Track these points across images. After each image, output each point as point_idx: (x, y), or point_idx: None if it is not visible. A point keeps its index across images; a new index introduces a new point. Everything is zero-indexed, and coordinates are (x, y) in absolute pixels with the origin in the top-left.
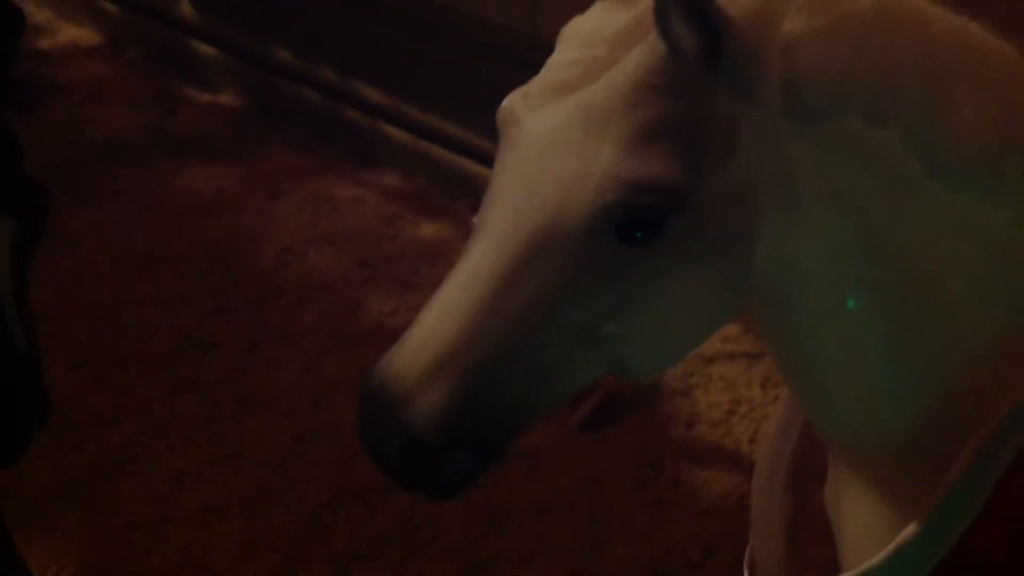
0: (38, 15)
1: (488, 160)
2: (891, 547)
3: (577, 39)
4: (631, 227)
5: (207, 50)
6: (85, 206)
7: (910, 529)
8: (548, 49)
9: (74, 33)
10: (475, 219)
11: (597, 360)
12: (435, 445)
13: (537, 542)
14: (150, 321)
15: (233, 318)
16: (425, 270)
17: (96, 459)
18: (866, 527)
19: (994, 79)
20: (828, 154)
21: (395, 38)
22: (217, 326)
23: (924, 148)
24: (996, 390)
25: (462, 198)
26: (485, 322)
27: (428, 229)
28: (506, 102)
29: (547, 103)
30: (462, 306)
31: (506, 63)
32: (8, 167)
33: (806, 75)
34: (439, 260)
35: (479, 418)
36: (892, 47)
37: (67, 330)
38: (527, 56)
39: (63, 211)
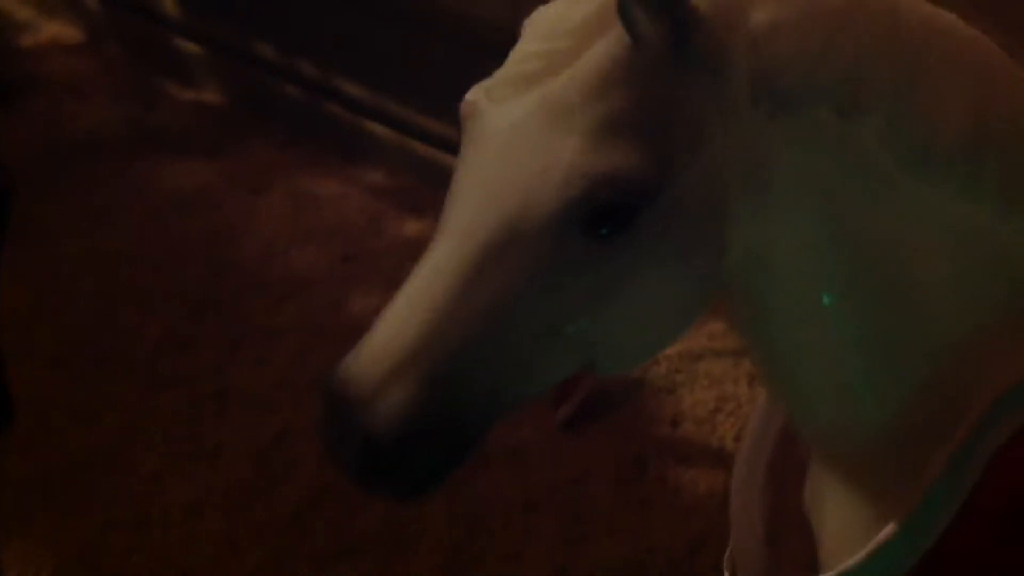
0: (20, 12)
1: None
2: (870, 547)
3: (541, 30)
4: (597, 223)
5: (189, 46)
6: (65, 202)
7: (889, 528)
8: None
9: (56, 30)
10: None
11: (565, 359)
12: (396, 449)
13: (521, 540)
14: (129, 318)
15: (214, 315)
16: (409, 267)
17: (74, 458)
18: (845, 526)
19: (967, 69)
20: (798, 148)
21: (378, 33)
22: (197, 323)
23: (898, 140)
24: (974, 386)
25: (446, 195)
26: (447, 323)
27: (413, 226)
28: (469, 95)
29: (510, 97)
30: (423, 307)
31: (490, 57)
32: None
33: (775, 66)
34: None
35: (442, 420)
36: (862, 37)
37: (45, 327)
38: (510, 50)
39: (42, 207)
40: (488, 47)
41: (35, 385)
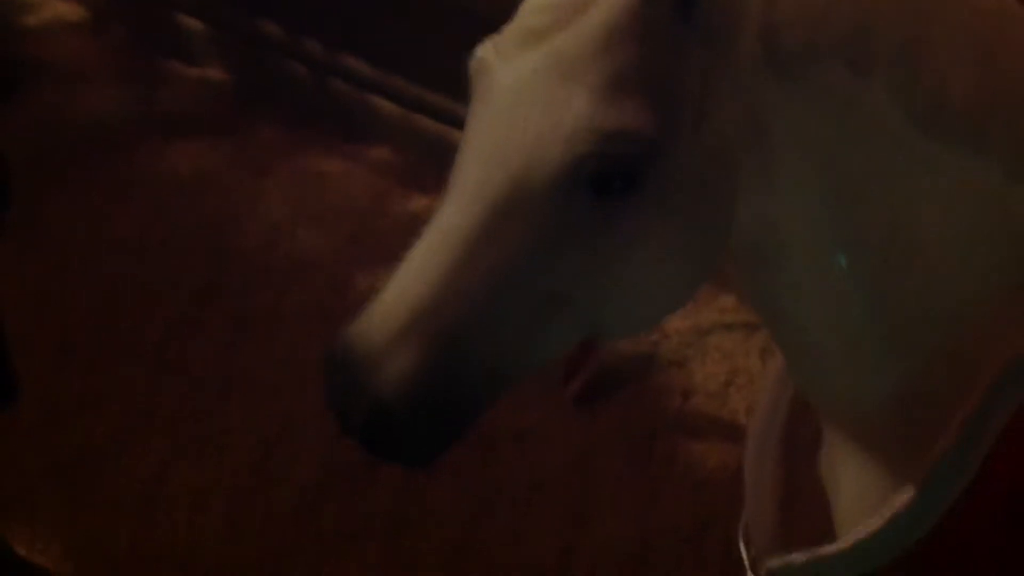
0: None
1: None
2: (884, 514)
3: None
4: (605, 181)
5: (193, 24)
6: (69, 186)
7: (904, 497)
8: None
9: (59, 9)
10: None
11: (572, 324)
12: (404, 413)
13: (529, 519)
14: (135, 303)
15: (220, 298)
16: None
17: (81, 442)
18: (859, 495)
19: (980, 23)
20: (807, 107)
21: (384, 10)
22: (203, 307)
23: (907, 96)
24: (985, 353)
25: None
26: (455, 285)
27: (419, 203)
28: (478, 51)
29: (518, 52)
30: (431, 269)
31: (494, 33)
32: None
33: (785, 20)
34: None
35: (449, 385)
36: None
37: (51, 314)
38: None
39: (47, 192)
40: (494, 22)
41: (41, 372)
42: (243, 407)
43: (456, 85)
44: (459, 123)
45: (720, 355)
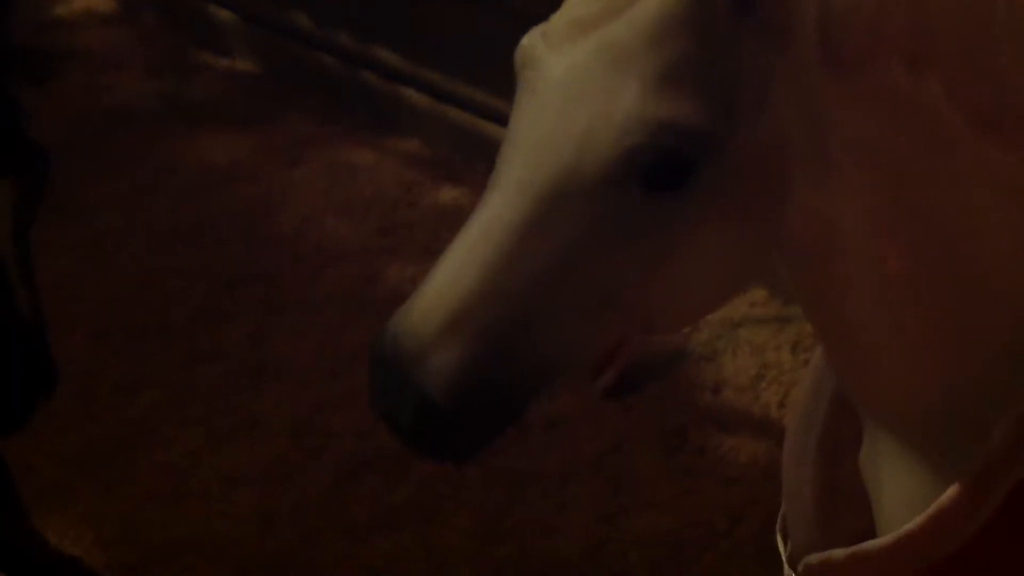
0: None
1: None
2: (931, 511)
3: None
4: (656, 174)
5: (224, 15)
6: (102, 175)
7: (951, 493)
8: None
9: (90, 0)
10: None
11: (618, 317)
12: (449, 408)
13: (560, 511)
14: (168, 291)
15: (251, 287)
16: (445, 237)
17: (114, 430)
18: (904, 493)
19: None
20: (863, 105)
21: (415, 1)
22: (235, 295)
23: (967, 98)
24: None
25: (483, 163)
26: (501, 279)
27: (448, 195)
28: (524, 41)
29: (567, 42)
30: (477, 262)
31: (527, 25)
32: (7, 131)
33: (843, 15)
34: (460, 226)
35: (494, 381)
36: None
37: (84, 301)
38: (548, 17)
39: (79, 180)
40: (525, 13)
41: (74, 359)
42: (275, 395)
43: (486, 78)
44: (490, 115)
45: (751, 349)
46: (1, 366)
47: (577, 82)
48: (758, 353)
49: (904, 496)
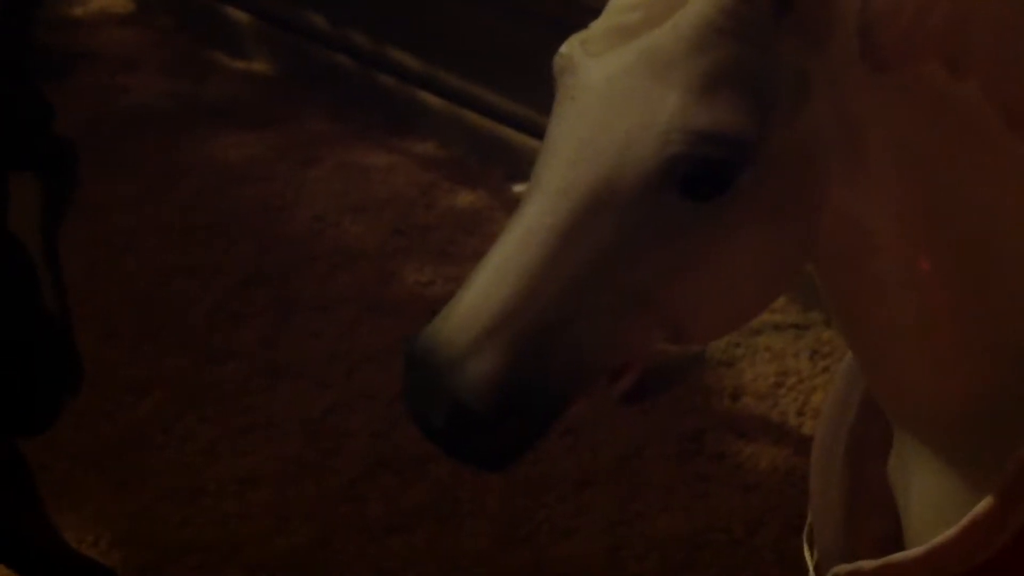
0: None
1: (526, 127)
2: (964, 521)
3: None
4: (696, 182)
5: (240, 16)
6: (117, 175)
7: (984, 503)
8: (585, 12)
9: (106, 0)
10: (516, 188)
11: (653, 326)
12: (485, 415)
13: (577, 516)
14: (182, 290)
15: (265, 287)
16: (461, 239)
17: (129, 430)
18: (934, 502)
19: None
20: (901, 105)
21: (429, 2)
22: (249, 295)
23: (1003, 100)
24: None
25: (499, 166)
26: (539, 286)
27: (464, 198)
28: (564, 48)
29: (607, 49)
30: (515, 269)
31: (543, 27)
32: (35, 127)
33: (882, 14)
34: (475, 229)
35: (530, 387)
36: None
37: (99, 300)
38: (564, 19)
39: (94, 180)
40: (540, 16)
41: (89, 358)
42: (289, 395)
43: (502, 80)
44: (506, 119)
45: (770, 355)
46: (27, 365)
47: (617, 90)
48: (777, 360)
49: (936, 505)
